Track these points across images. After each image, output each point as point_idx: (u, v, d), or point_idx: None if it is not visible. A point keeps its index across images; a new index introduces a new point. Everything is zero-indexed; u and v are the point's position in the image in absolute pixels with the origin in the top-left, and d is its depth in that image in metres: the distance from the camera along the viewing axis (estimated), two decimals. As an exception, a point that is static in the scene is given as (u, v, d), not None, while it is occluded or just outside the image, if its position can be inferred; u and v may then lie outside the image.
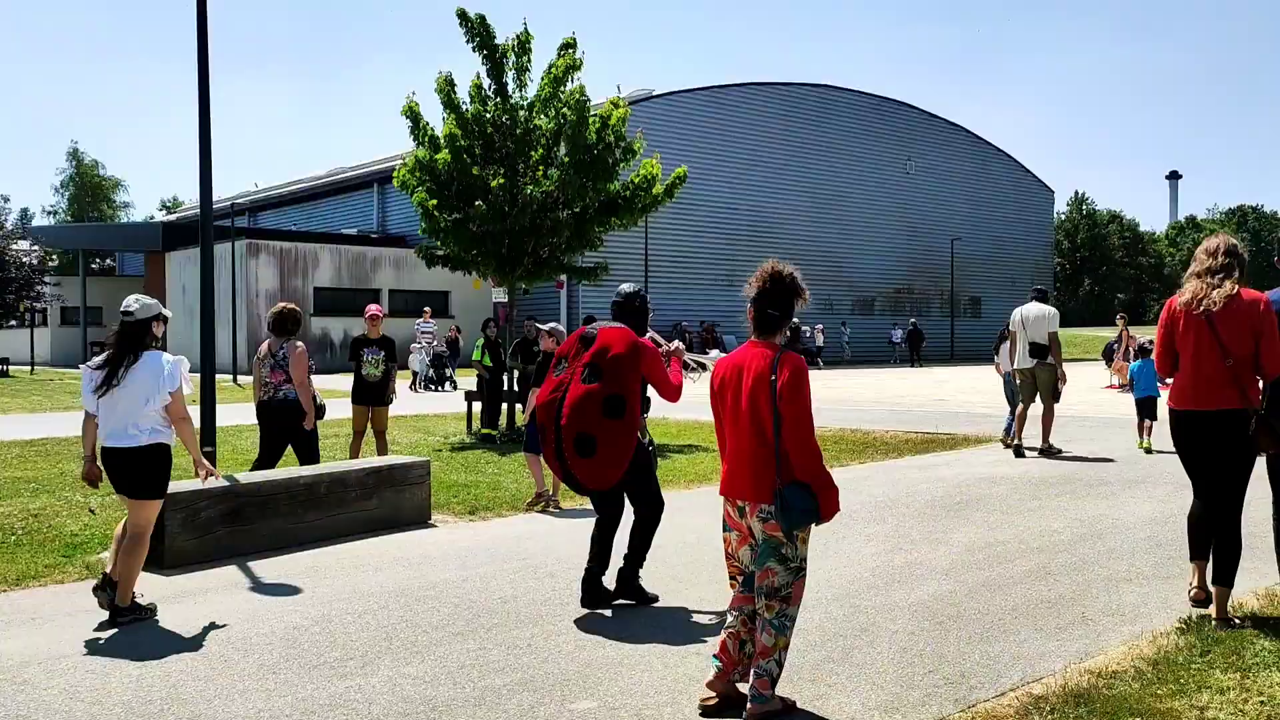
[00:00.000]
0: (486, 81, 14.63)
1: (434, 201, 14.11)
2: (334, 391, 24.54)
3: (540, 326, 9.76)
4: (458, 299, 38.79)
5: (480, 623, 5.45)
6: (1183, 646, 4.72)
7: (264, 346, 8.68)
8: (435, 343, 27.73)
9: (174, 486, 7.16)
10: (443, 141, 14.19)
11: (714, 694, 4.18)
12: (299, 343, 8.55)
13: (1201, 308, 5.14)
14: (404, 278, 38.26)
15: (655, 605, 5.74)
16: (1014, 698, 4.23)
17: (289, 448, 8.80)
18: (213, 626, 5.43)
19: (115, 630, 5.41)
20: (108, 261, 63.97)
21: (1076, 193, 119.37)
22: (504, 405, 15.09)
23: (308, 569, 6.73)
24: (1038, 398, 11.96)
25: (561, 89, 14.45)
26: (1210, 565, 5.21)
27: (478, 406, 15.41)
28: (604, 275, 15.92)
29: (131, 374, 5.57)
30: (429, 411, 18.90)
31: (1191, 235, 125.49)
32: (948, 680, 4.46)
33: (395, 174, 14.94)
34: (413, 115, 14.53)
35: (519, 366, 14.41)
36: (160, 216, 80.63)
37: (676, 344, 6.26)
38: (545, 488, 9.11)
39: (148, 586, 6.31)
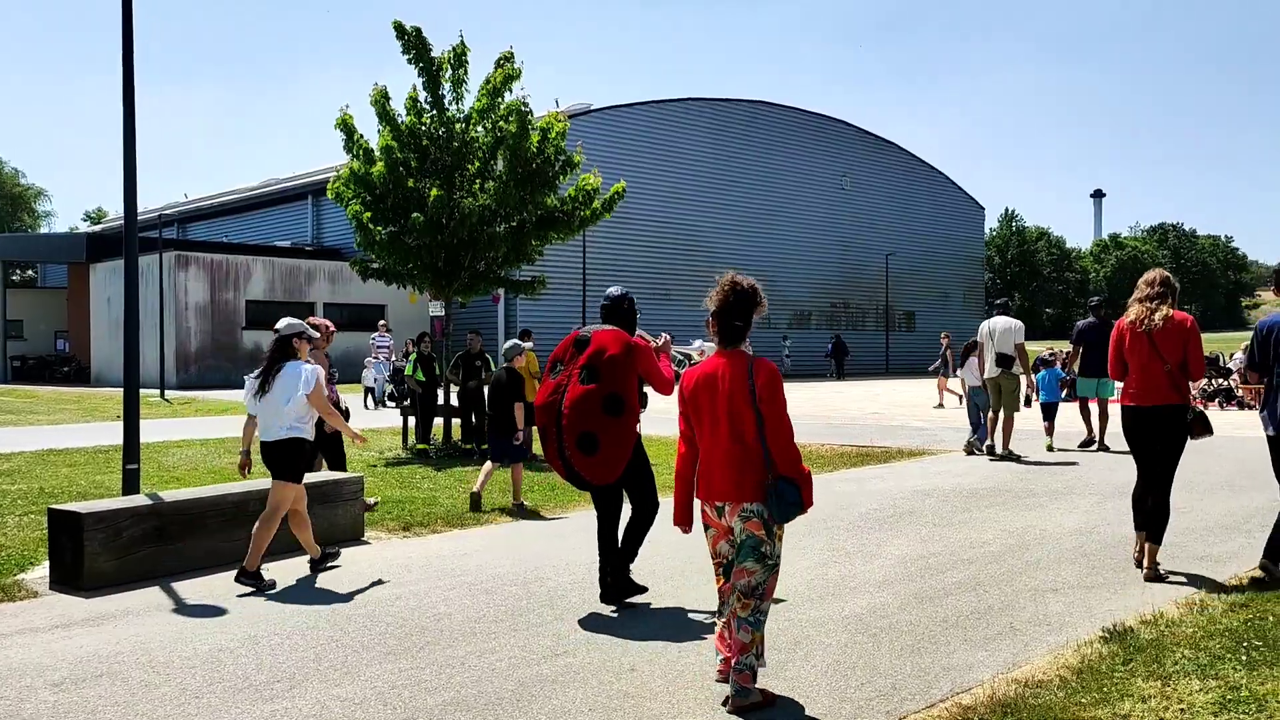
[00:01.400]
0: (423, 94, 14.51)
1: (369, 214, 13.95)
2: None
3: (524, 345, 10.25)
4: (394, 312, 38.32)
5: (413, 641, 5.37)
6: (1106, 655, 4.82)
7: None
8: (394, 357, 26.73)
9: (93, 505, 6.97)
10: (378, 154, 14.05)
11: (723, 672, 4.39)
12: (318, 354, 9.09)
13: (1143, 326, 6.45)
14: (339, 291, 37.74)
15: (594, 618, 5.70)
16: (944, 709, 4.28)
17: (332, 446, 9.27)
18: (133, 650, 5.27)
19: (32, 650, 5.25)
20: (29, 273, 62.10)
21: (1006, 209, 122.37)
22: (438, 420, 14.94)
23: (235, 588, 6.57)
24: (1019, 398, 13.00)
25: (499, 101, 14.40)
26: (1144, 535, 6.49)
27: (412, 421, 15.24)
28: (541, 289, 15.87)
29: (277, 380, 6.81)
30: (363, 426, 18.62)
31: (1115, 253, 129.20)
32: (879, 693, 4.50)
33: (329, 186, 14.74)
34: (346, 128, 14.35)
35: (458, 380, 14.28)
36: (85, 227, 78.53)
37: (664, 338, 6.35)
38: (481, 489, 9.64)
39: (61, 609, 6.12)
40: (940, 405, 23.54)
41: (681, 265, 43.52)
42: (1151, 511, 6.43)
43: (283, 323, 7.12)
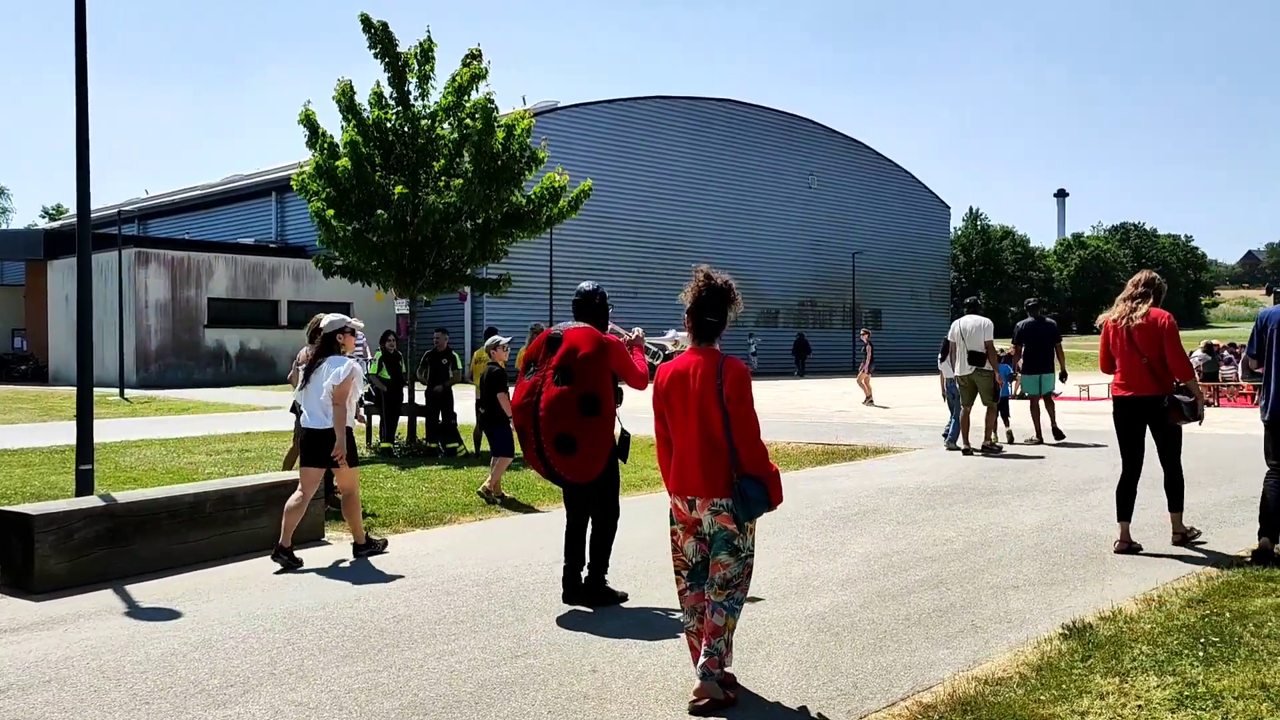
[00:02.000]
0: (388, 89, 14.38)
1: (331, 211, 13.79)
2: (228, 406, 23.76)
3: (501, 340, 10.74)
4: (360, 310, 37.99)
5: (371, 644, 5.28)
6: (1065, 652, 4.83)
7: (302, 353, 9.60)
8: (368, 355, 25.53)
9: (45, 506, 6.83)
10: (343, 149, 13.89)
11: (702, 697, 4.31)
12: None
13: (1124, 323, 7.08)
14: (304, 288, 37.32)
15: (556, 619, 5.65)
16: (904, 707, 4.27)
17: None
18: (83, 654, 5.15)
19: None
20: (-14, 270, 60.91)
21: (971, 209, 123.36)
22: (403, 418, 14.82)
23: (190, 591, 6.46)
24: (978, 400, 13.40)
25: (466, 98, 14.29)
26: (1174, 512, 7.27)
27: (376, 420, 15.09)
28: (507, 287, 15.77)
29: (317, 373, 7.37)
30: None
31: (1078, 252, 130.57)
32: (841, 692, 4.48)
33: (294, 176, 14.56)
34: (310, 124, 14.19)
35: (425, 380, 14.18)
36: (43, 224, 77.26)
37: (637, 331, 6.35)
38: (499, 491, 9.95)
39: (10, 612, 5.98)
40: (870, 400, 24.41)
41: (651, 263, 43.53)
42: (1168, 485, 7.23)
43: (326, 320, 7.65)
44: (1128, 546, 7.08)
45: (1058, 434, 14.08)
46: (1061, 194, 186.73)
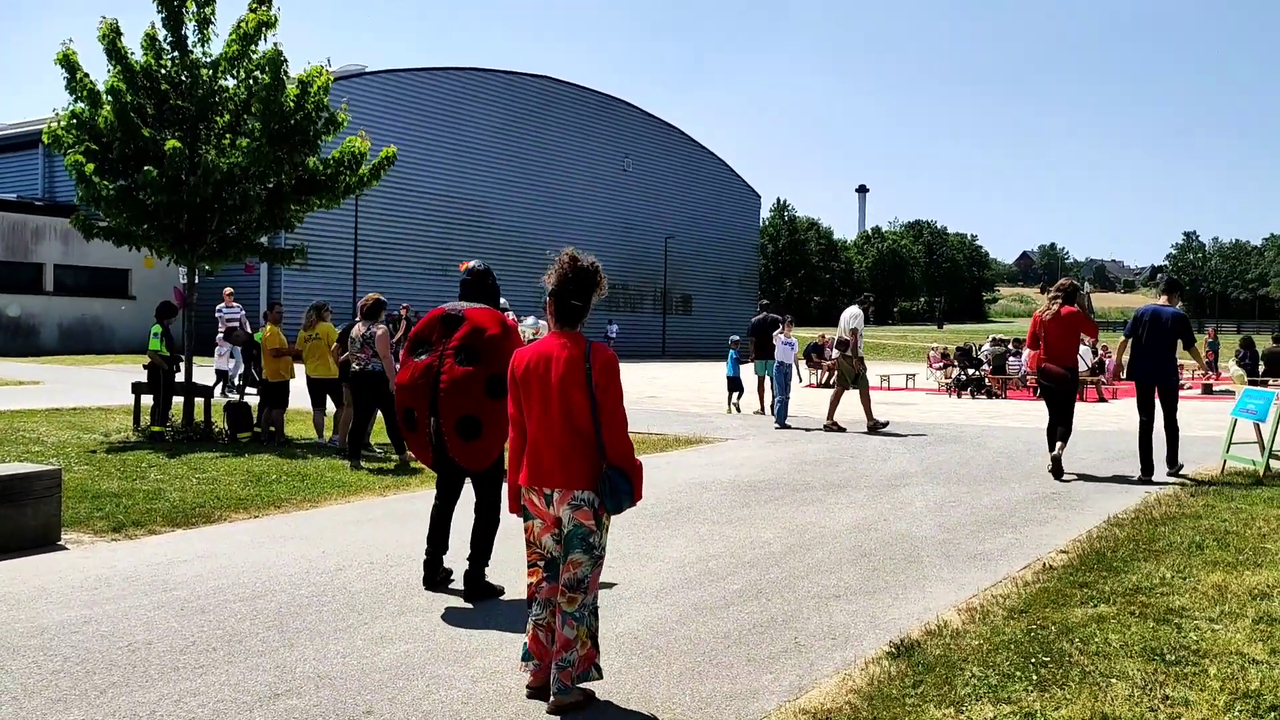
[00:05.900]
0: (163, 32, 12.84)
1: (91, 165, 12.18)
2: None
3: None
4: (140, 279, 35.02)
5: (93, 683, 4.34)
6: (894, 675, 4.45)
7: (357, 329, 10.70)
8: (247, 330, 19.74)
9: None
10: (104, 96, 12.29)
11: (535, 686, 4.21)
12: (381, 325, 10.65)
13: (1047, 316, 10.05)
14: (73, 252, 34.01)
15: (331, 643, 4.85)
16: (727, 751, 3.76)
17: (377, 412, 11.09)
18: None
19: None
20: None
21: (779, 199, 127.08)
22: (177, 399, 13.40)
23: None
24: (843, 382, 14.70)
25: (253, 48, 12.93)
26: (1059, 444, 10.16)
27: (148, 400, 13.58)
28: (301, 260, 14.49)
29: None
30: (91, 404, 16.59)
31: (876, 244, 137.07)
32: (656, 732, 3.94)
33: (45, 129, 12.81)
34: (69, 65, 12.49)
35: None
36: None
37: (511, 318, 5.88)
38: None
39: None
40: None
41: (459, 239, 42.26)
42: (1061, 432, 10.14)
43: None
44: (1058, 469, 10.00)
45: (768, 408, 16.41)
46: (863, 189, 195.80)
